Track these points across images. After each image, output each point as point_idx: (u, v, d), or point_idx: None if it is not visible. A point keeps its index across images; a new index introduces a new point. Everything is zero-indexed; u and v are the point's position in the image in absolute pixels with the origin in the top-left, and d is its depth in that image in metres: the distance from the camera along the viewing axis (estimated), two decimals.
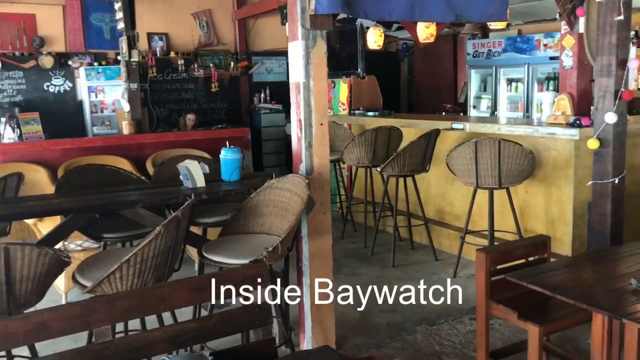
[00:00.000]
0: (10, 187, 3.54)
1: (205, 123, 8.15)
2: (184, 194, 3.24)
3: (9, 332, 1.96)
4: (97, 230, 3.42)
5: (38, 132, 6.31)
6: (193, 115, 7.45)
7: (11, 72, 7.61)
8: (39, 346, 2.63)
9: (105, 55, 8.12)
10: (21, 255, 2.40)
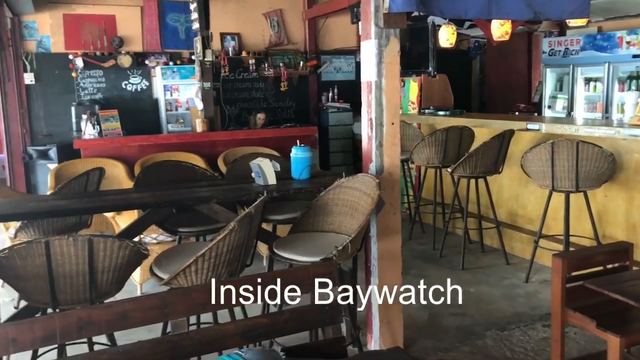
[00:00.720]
0: (93, 181, 3.71)
1: (274, 122, 8.26)
2: (256, 191, 3.30)
3: (93, 321, 2.05)
4: (173, 225, 3.53)
5: (117, 129, 6.58)
6: (263, 114, 7.57)
7: (92, 71, 7.97)
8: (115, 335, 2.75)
9: (180, 54, 8.37)
10: (103, 246, 2.51)
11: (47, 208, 3.07)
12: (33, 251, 2.42)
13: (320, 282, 2.36)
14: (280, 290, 2.28)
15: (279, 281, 2.32)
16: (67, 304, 2.59)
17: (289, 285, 2.33)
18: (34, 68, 7.68)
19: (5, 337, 1.96)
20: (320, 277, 2.37)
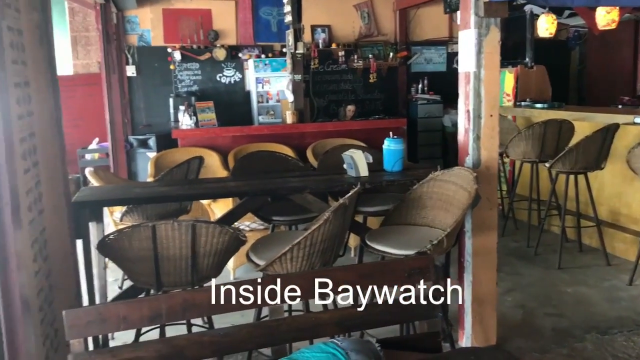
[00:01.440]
0: (193, 170, 3.86)
1: (362, 114, 8.24)
2: (348, 183, 3.31)
3: (196, 303, 2.13)
4: (267, 213, 3.61)
5: (212, 120, 6.81)
6: (353, 106, 7.58)
7: (189, 64, 8.28)
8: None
9: (272, 47, 8.52)
10: (205, 232, 2.61)
11: (152, 194, 3.23)
12: (140, 234, 2.56)
13: (416, 275, 2.34)
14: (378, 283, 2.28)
15: (375, 273, 2.32)
16: (170, 285, 2.71)
17: (385, 277, 2.32)
18: (135, 61, 8.08)
19: (117, 315, 2.07)
20: (416, 270, 2.34)
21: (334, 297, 2.99)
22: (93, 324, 2.05)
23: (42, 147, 2.63)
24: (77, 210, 2.99)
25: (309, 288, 2.28)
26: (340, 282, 2.28)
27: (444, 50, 9.19)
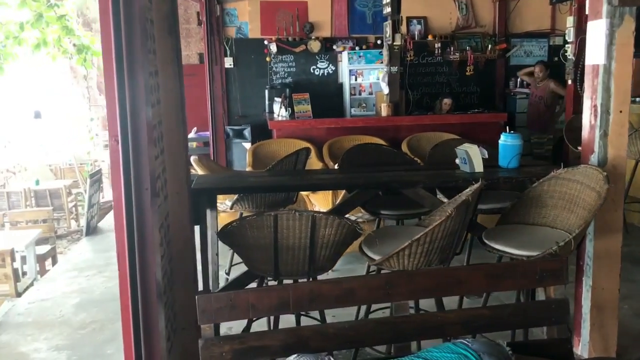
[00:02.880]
0: (301, 160, 3.88)
1: (457, 107, 8.03)
2: (462, 178, 3.21)
3: (323, 294, 2.12)
4: (374, 206, 3.57)
5: (308, 112, 6.85)
6: (450, 100, 7.40)
7: (284, 56, 8.37)
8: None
9: (366, 39, 8.46)
10: (324, 223, 2.60)
11: (267, 183, 3.26)
12: (262, 223, 2.58)
13: (548, 278, 2.22)
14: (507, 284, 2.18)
15: (504, 274, 2.23)
16: (286, 275, 2.73)
17: (514, 279, 2.23)
18: (232, 52, 8.26)
19: (246, 303, 2.10)
20: (548, 272, 2.22)
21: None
22: (223, 310, 2.09)
23: (167, 134, 2.72)
24: (196, 197, 3.07)
25: (435, 286, 2.22)
26: (468, 281, 2.20)
27: (546, 43, 8.79)
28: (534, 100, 7.47)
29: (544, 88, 7.31)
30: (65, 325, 4.10)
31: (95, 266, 5.31)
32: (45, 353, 3.68)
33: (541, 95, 7.34)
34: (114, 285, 4.80)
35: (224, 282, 4.08)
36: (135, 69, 2.00)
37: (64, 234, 8.53)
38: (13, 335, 3.97)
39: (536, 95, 7.44)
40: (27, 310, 4.40)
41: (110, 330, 3.95)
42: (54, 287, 4.83)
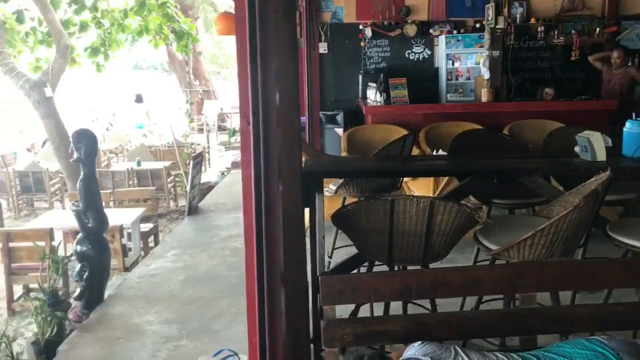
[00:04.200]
0: (407, 146, 3.82)
1: (561, 94, 7.64)
2: (584, 167, 3.04)
3: (447, 282, 2.08)
4: (484, 195, 3.46)
5: (404, 97, 6.75)
6: (552, 90, 7.04)
7: (379, 40, 8.27)
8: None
9: (465, 23, 8.19)
10: (443, 209, 2.54)
11: (373, 168, 3.24)
12: (379, 207, 2.56)
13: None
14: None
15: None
16: (400, 261, 2.70)
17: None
18: (327, 38, 8.25)
19: (369, 286, 2.09)
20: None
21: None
22: (346, 292, 2.09)
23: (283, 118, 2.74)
24: (306, 180, 3.08)
25: (565, 279, 2.12)
26: (604, 276, 2.09)
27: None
28: (610, 88, 7.01)
29: (624, 75, 6.85)
30: (173, 300, 4.28)
31: (198, 245, 5.50)
32: (156, 326, 3.86)
33: (621, 83, 6.89)
34: (217, 263, 4.99)
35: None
36: (267, 53, 2.03)
37: (163, 213, 8.91)
38: (126, 307, 4.20)
39: (613, 82, 6.98)
40: (137, 284, 4.63)
41: (216, 307, 4.09)
42: (161, 264, 5.05)
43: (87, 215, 4.33)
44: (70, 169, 9.12)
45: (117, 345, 3.62)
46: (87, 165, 4.31)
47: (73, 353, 3.57)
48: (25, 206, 10.15)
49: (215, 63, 27.78)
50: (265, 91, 2.04)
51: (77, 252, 4.36)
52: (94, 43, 9.99)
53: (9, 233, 5.85)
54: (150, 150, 11.22)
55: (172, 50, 16.33)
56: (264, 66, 2.02)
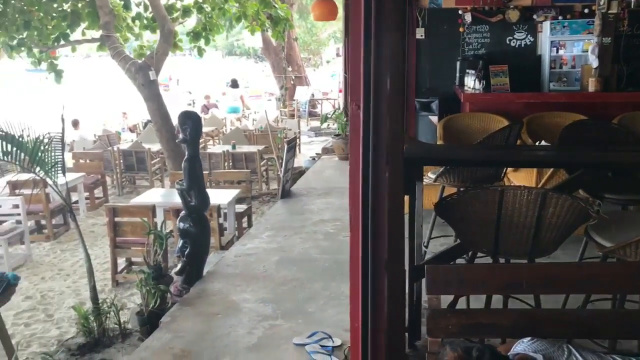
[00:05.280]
0: (513, 135, 3.68)
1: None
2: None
3: (561, 278, 1.99)
4: (597, 189, 3.27)
5: (505, 85, 6.51)
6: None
7: (478, 26, 8.00)
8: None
9: (572, 8, 7.75)
10: (555, 202, 2.42)
11: (477, 157, 3.14)
12: (486, 197, 2.48)
13: None
14: None
15: None
16: (505, 254, 2.61)
17: None
18: (424, 23, 8.08)
19: (477, 278, 2.04)
20: None
21: None
22: (452, 282, 2.05)
23: None
24: (407, 167, 3.04)
25: None
26: None
27: None
28: None
29: None
30: (268, 280, 4.38)
31: (291, 227, 5.60)
32: (252, 304, 3.97)
33: None
34: (310, 246, 5.05)
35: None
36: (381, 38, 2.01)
37: (255, 196, 9.14)
38: (224, 284, 4.34)
39: None
40: (234, 262, 4.78)
41: (309, 290, 4.14)
42: (256, 244, 5.19)
43: (190, 194, 4.51)
44: (171, 150, 9.54)
45: (215, 320, 3.76)
46: (191, 145, 4.47)
47: (175, 325, 3.74)
48: (127, 184, 10.74)
49: (306, 50, 28.01)
50: (377, 76, 2.02)
51: (180, 229, 4.56)
52: (195, 27, 10.33)
53: (115, 208, 6.22)
54: (244, 134, 11.52)
55: (267, 37, 16.62)
56: (377, 52, 2.00)
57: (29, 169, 4.15)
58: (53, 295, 6.19)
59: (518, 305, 2.90)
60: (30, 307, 5.92)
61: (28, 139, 4.01)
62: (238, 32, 22.94)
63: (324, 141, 12.57)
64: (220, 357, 3.27)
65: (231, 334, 3.55)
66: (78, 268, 6.87)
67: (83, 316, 4.07)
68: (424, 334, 3.22)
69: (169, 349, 3.42)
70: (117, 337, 4.08)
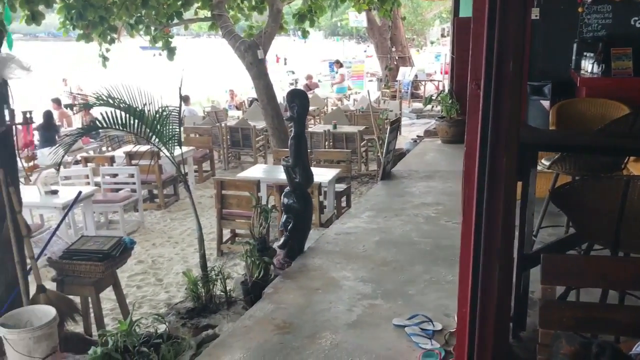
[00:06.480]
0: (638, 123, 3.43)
1: None
2: None
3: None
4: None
5: (628, 69, 6.07)
6: None
7: (600, 6, 7.48)
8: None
9: None
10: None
11: (599, 144, 2.96)
12: (609, 187, 2.35)
13: None
14: None
15: None
16: (627, 247, 2.46)
17: None
18: (540, 3, 7.68)
19: (598, 271, 1.93)
20: None
21: None
22: (570, 274, 1.97)
23: None
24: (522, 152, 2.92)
25: None
26: None
27: None
28: None
29: None
30: (368, 259, 4.41)
31: (391, 209, 5.58)
32: (352, 282, 4.02)
33: None
34: (410, 229, 5.02)
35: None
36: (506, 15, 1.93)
37: (354, 176, 9.18)
38: (324, 260, 4.42)
39: None
40: (334, 240, 4.85)
41: (409, 272, 4.12)
42: (356, 223, 5.22)
43: (295, 171, 4.60)
44: (275, 127, 9.78)
45: (316, 295, 3.84)
46: (298, 123, 4.55)
47: (277, 297, 3.86)
48: (233, 159, 11.15)
49: (410, 30, 27.53)
50: (500, 56, 1.95)
51: (284, 204, 4.67)
52: (301, 9, 10.43)
53: (222, 181, 6.48)
54: (345, 114, 11.56)
55: (372, 17, 16.51)
56: (501, 30, 1.93)
57: (148, 140, 4.40)
58: (162, 260, 6.58)
59: (633, 302, 2.74)
60: (142, 271, 6.33)
61: (148, 113, 4.25)
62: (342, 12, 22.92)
63: (426, 124, 12.37)
64: (321, 332, 3.34)
65: (331, 310, 3.61)
66: (186, 237, 7.25)
67: (192, 282, 4.29)
68: (528, 324, 3.14)
69: (271, 320, 3.54)
70: (223, 304, 4.27)
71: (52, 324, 3.88)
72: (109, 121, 4.24)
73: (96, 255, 4.29)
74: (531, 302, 3.21)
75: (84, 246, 4.42)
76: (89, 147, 10.77)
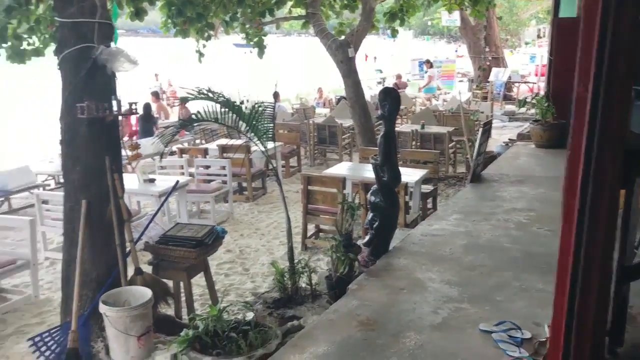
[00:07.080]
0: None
1: None
2: None
3: None
4: None
5: None
6: None
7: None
8: None
9: None
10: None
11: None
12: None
13: None
14: None
15: None
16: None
17: None
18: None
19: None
20: None
21: None
22: None
23: None
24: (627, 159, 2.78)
25: None
26: None
27: None
28: None
29: None
30: (454, 262, 4.34)
31: (480, 213, 5.46)
32: (438, 284, 3.97)
33: None
34: (500, 234, 4.89)
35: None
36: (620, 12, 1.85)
37: (442, 178, 9.05)
38: (410, 261, 4.40)
39: None
40: (420, 241, 4.81)
41: (498, 278, 4.03)
42: (443, 226, 5.15)
43: (383, 170, 4.60)
44: (362, 126, 9.81)
45: (400, 295, 3.83)
46: (388, 122, 4.55)
47: (361, 294, 3.89)
48: (319, 155, 11.30)
49: (504, 30, 26.71)
50: (611, 57, 1.87)
51: (371, 202, 4.68)
52: (393, 8, 10.40)
53: (309, 177, 6.60)
54: (434, 115, 11.41)
55: (466, 16, 16.15)
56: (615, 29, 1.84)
57: (244, 134, 4.55)
58: (250, 251, 6.80)
59: None
60: (230, 260, 6.57)
61: (245, 108, 4.41)
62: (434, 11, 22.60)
63: (518, 127, 11.98)
64: (405, 331, 3.34)
65: (416, 310, 3.59)
66: (272, 229, 7.44)
67: (279, 273, 4.40)
68: (626, 340, 2.99)
69: (355, 316, 3.57)
70: (308, 297, 4.35)
71: (147, 304, 4.11)
72: (208, 115, 4.43)
73: (190, 242, 4.50)
74: (629, 317, 3.05)
75: (179, 233, 4.64)
76: (184, 139, 11.27)
